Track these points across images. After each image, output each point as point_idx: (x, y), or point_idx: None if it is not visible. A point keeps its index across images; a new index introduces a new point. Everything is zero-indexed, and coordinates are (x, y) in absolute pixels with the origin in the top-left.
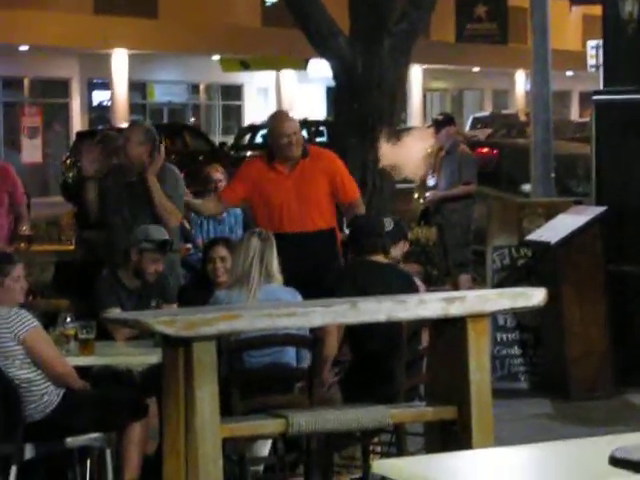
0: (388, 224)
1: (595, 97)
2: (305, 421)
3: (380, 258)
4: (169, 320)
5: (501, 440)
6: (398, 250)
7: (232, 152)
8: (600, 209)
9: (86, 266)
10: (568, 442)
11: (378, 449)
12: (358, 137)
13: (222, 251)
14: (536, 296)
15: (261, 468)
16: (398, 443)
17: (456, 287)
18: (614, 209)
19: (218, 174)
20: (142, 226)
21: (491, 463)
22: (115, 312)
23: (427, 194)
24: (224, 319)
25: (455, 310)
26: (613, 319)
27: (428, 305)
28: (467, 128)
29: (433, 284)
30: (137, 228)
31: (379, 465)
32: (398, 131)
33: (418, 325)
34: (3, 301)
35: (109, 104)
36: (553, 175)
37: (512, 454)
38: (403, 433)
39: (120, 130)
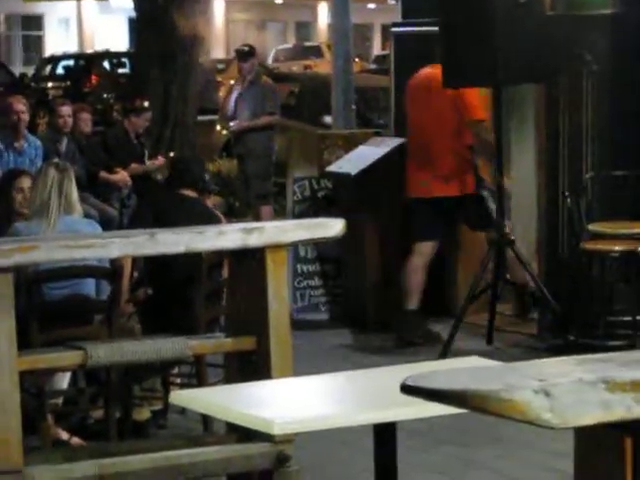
0: None
1: (393, 29)
2: (104, 352)
3: (189, 192)
4: None
5: (301, 371)
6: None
7: (33, 83)
8: (399, 140)
9: None
10: (365, 371)
11: (178, 380)
12: (160, 68)
13: (27, 182)
14: (335, 227)
15: (60, 401)
16: (198, 374)
17: (257, 218)
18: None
19: (20, 105)
20: None
21: (287, 392)
22: None
23: (231, 124)
24: (21, 250)
25: (254, 241)
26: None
27: (227, 236)
28: (270, 60)
29: (234, 216)
30: None
31: (177, 396)
32: (200, 63)
33: (219, 257)
34: None
35: None
36: (354, 107)
37: (308, 383)
38: (203, 364)
39: None
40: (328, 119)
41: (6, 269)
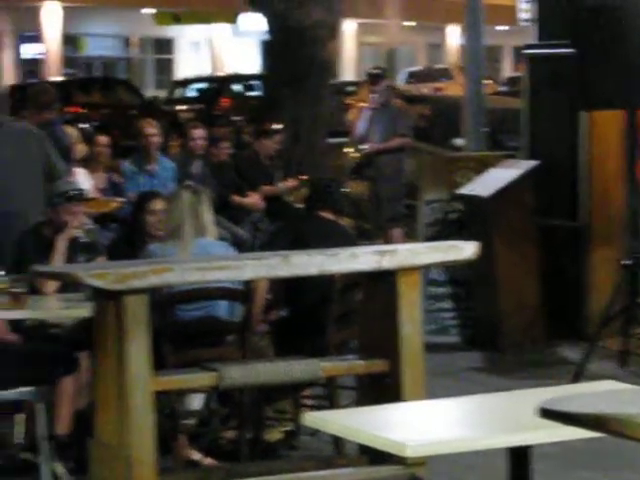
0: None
1: (527, 51)
2: (237, 374)
3: (327, 214)
4: (100, 273)
5: (432, 393)
6: None
7: (164, 106)
8: (532, 163)
9: None
10: (498, 395)
11: (309, 402)
12: (290, 91)
13: (160, 204)
14: (467, 249)
15: (193, 422)
16: (330, 396)
17: (388, 241)
18: (545, 163)
19: (151, 128)
20: (55, 182)
21: (421, 415)
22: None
23: (362, 146)
24: (155, 272)
25: (387, 263)
26: (544, 272)
27: (360, 258)
28: (401, 82)
29: (365, 238)
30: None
31: (310, 417)
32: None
33: (352, 279)
34: None
35: (41, 57)
36: (485, 129)
37: (442, 406)
38: (335, 386)
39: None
40: (459, 141)
41: (141, 290)
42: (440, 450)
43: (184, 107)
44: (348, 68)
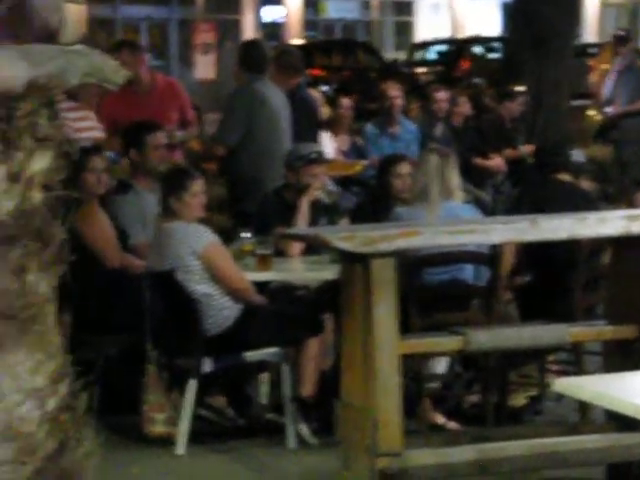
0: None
1: None
2: (484, 338)
3: (564, 176)
4: (348, 236)
5: None
6: None
7: (404, 69)
8: None
9: None
10: None
11: (555, 368)
12: (532, 53)
13: (406, 167)
14: None
15: (437, 385)
16: (576, 362)
17: (631, 205)
18: None
19: (395, 91)
20: (293, 145)
21: None
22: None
23: (607, 109)
24: (403, 235)
25: (637, 228)
26: None
27: (609, 223)
28: None
29: (608, 202)
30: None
31: (560, 383)
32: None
33: (598, 243)
34: (182, 216)
35: (281, 21)
36: None
37: None
38: (581, 352)
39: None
40: None
41: (388, 254)
42: None
43: (424, 69)
44: (590, 30)
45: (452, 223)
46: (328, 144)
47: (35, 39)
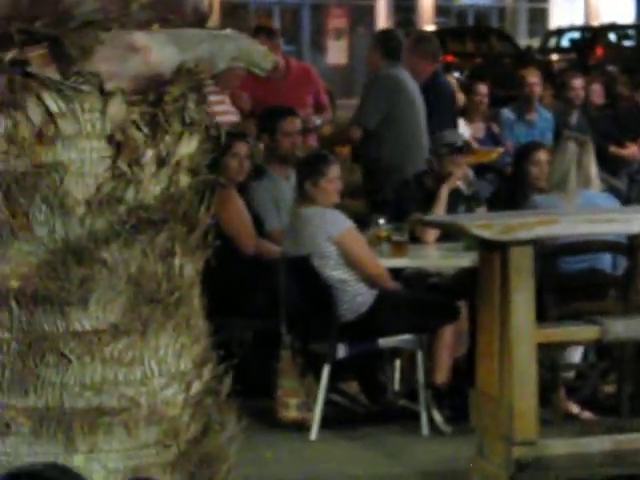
0: None
1: None
2: (621, 328)
3: None
4: (486, 224)
5: None
6: None
7: (538, 55)
8: None
9: None
10: None
11: None
12: None
13: (543, 155)
14: None
15: (572, 375)
16: None
17: None
18: None
19: (534, 77)
20: (438, 133)
21: None
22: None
23: None
24: (542, 224)
25: None
26: None
27: None
28: None
29: None
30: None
31: None
32: None
33: None
34: (318, 202)
35: (414, 6)
36: None
37: None
38: None
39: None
40: None
41: (526, 241)
42: None
43: (557, 57)
44: None
45: (591, 212)
46: (463, 131)
47: (185, 24)
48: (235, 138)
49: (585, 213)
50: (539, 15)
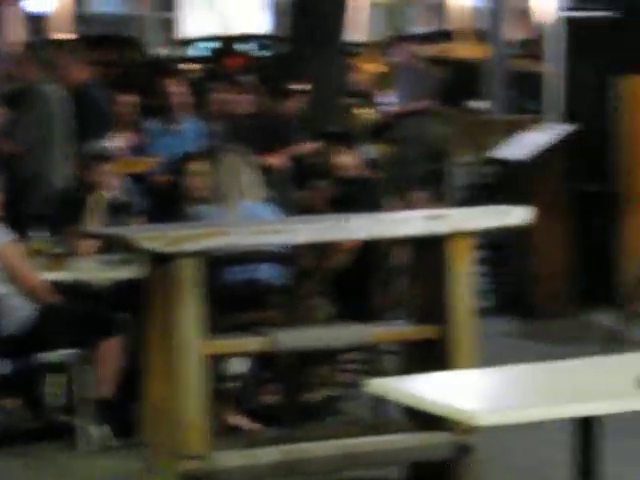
0: None
1: (561, 14)
2: (290, 339)
3: None
4: (155, 236)
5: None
6: None
7: (175, 65)
8: (566, 127)
9: None
10: (553, 363)
11: (351, 367)
12: (312, 51)
13: (197, 165)
14: (517, 214)
15: (236, 385)
16: (372, 361)
17: (410, 204)
18: (579, 128)
19: (173, 87)
20: (85, 143)
21: (481, 382)
22: (91, 227)
23: (384, 108)
24: (211, 235)
25: (438, 228)
26: (578, 239)
27: (410, 223)
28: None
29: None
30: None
31: (371, 384)
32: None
33: (389, 244)
34: None
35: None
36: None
37: (499, 374)
38: (378, 351)
39: None
40: (478, 104)
41: (194, 253)
42: (511, 419)
43: (194, 66)
44: (361, 29)
45: (257, 223)
46: (113, 141)
47: None
48: None
49: (252, 224)
50: (169, 24)
